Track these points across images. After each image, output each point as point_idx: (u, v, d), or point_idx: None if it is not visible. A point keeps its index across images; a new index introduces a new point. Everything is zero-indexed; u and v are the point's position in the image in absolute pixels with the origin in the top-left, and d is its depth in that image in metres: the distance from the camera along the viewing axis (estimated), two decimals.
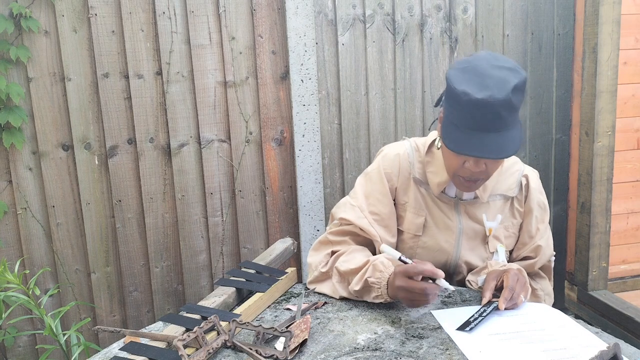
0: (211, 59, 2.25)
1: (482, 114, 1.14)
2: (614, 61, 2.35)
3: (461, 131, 1.18)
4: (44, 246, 2.21)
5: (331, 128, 2.41)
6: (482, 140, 1.16)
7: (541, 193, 1.41)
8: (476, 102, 1.13)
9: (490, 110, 1.13)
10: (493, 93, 1.12)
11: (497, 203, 1.38)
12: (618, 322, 2.32)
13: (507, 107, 1.14)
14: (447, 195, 1.37)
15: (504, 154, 1.16)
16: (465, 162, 1.22)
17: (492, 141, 1.15)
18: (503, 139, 1.16)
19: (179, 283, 2.37)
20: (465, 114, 1.16)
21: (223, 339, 1.08)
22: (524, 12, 2.51)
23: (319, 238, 1.44)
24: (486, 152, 1.16)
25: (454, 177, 1.27)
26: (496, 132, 1.16)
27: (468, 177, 1.24)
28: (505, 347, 1.05)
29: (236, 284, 1.34)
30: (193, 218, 2.33)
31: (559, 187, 2.68)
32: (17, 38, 2.06)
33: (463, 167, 1.23)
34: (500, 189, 1.37)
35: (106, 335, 2.28)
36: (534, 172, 1.42)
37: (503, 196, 1.38)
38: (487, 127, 1.15)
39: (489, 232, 1.36)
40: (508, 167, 1.39)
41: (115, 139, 2.21)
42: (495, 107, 1.12)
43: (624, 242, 2.70)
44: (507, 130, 1.16)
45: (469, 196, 1.36)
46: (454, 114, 1.19)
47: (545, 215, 1.42)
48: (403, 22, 2.40)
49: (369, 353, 1.05)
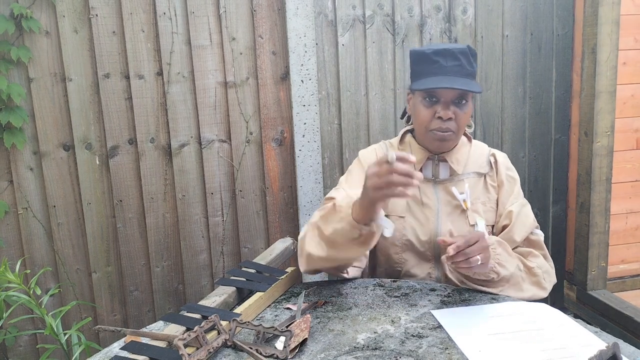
0: (212, 59, 2.26)
1: (445, 60, 1.35)
2: (613, 61, 2.36)
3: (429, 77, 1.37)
4: (44, 246, 2.21)
5: (331, 128, 2.42)
6: (448, 79, 1.34)
7: (508, 168, 1.51)
8: (439, 51, 1.36)
9: (452, 56, 1.35)
10: (452, 45, 1.38)
11: (471, 180, 1.48)
12: (617, 321, 2.33)
13: (465, 56, 1.35)
14: (424, 176, 1.47)
15: (469, 87, 1.33)
16: (436, 112, 1.37)
17: (457, 81, 1.34)
18: (466, 81, 1.35)
19: (180, 282, 2.38)
20: (432, 64, 1.36)
21: (223, 338, 1.08)
22: (524, 12, 2.52)
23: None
24: (455, 85, 1.32)
25: (427, 134, 1.41)
26: (460, 77, 1.35)
27: (441, 128, 1.38)
28: (505, 346, 1.06)
29: (236, 284, 1.35)
30: (194, 218, 2.34)
31: (558, 187, 2.68)
32: (18, 38, 2.06)
33: (434, 119, 1.38)
34: (472, 167, 1.48)
35: (107, 334, 2.28)
36: (501, 153, 1.54)
37: (476, 173, 1.48)
38: (451, 71, 1.35)
39: (465, 205, 1.43)
40: (476, 149, 1.52)
41: (116, 139, 2.22)
42: (456, 53, 1.35)
43: (623, 241, 2.71)
44: (468, 78, 1.37)
45: (445, 175, 1.47)
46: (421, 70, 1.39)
47: (514, 187, 1.49)
48: (403, 22, 2.41)
49: (368, 352, 1.06)
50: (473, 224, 1.43)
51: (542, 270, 1.40)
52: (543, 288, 1.39)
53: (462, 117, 1.40)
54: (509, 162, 1.54)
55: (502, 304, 1.26)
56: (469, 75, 1.37)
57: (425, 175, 1.48)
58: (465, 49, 1.36)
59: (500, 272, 1.29)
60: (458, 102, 1.38)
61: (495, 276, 1.29)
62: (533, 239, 1.45)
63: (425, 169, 1.49)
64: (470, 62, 1.37)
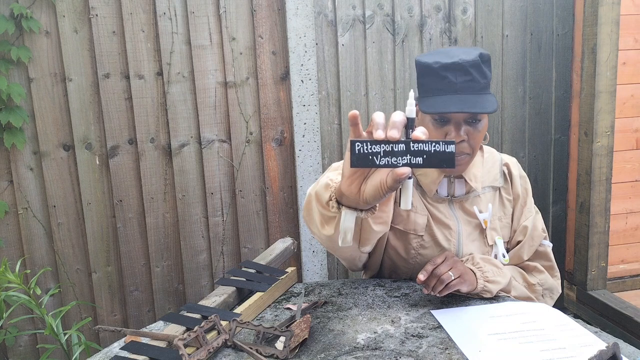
0: (212, 59, 2.26)
1: (454, 76, 1.20)
2: (613, 61, 2.36)
3: (438, 96, 1.23)
4: (44, 246, 2.21)
5: (331, 128, 2.42)
6: (459, 99, 1.20)
7: (522, 177, 1.44)
8: (447, 66, 1.20)
9: (462, 71, 1.20)
10: (462, 57, 1.20)
11: (487, 195, 1.40)
12: (617, 321, 2.33)
13: (477, 69, 1.20)
14: (439, 195, 1.39)
15: (482, 109, 1.20)
16: (447, 134, 1.25)
17: (468, 100, 1.20)
18: (479, 99, 1.21)
19: (180, 282, 2.38)
20: (440, 80, 1.22)
21: (223, 338, 1.08)
22: (523, 12, 2.52)
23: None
24: (465, 107, 1.19)
25: None
26: (471, 93, 1.21)
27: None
28: (505, 346, 1.06)
29: (236, 284, 1.35)
30: (194, 218, 2.34)
31: (558, 187, 2.69)
32: (18, 38, 2.06)
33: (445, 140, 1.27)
34: (487, 180, 1.40)
35: (107, 334, 2.29)
36: (512, 159, 1.46)
37: (491, 187, 1.41)
38: (462, 89, 1.21)
39: (485, 224, 1.37)
40: (488, 158, 1.42)
41: (116, 139, 2.22)
42: (466, 67, 1.19)
43: (623, 241, 2.71)
44: (482, 93, 1.22)
45: (461, 192, 1.38)
46: (429, 86, 1.24)
47: (527, 198, 1.44)
48: (403, 22, 2.41)
49: (368, 352, 1.06)
50: (492, 243, 1.37)
51: (544, 288, 1.37)
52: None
53: (477, 137, 1.27)
54: (520, 168, 1.46)
55: (502, 304, 1.26)
56: (482, 90, 1.23)
57: (441, 194, 1.38)
58: (477, 61, 1.21)
59: (492, 289, 1.24)
60: (471, 122, 1.25)
61: (489, 294, 1.25)
62: (540, 251, 1.41)
63: (440, 187, 1.38)
64: (483, 74, 1.23)
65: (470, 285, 1.21)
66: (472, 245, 1.37)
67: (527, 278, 1.36)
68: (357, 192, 0.89)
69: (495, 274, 1.26)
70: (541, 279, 1.37)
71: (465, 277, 1.20)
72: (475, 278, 1.23)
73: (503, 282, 1.26)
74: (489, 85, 1.26)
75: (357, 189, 0.89)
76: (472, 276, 1.22)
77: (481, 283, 1.22)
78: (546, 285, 1.38)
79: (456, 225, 1.37)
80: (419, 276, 1.18)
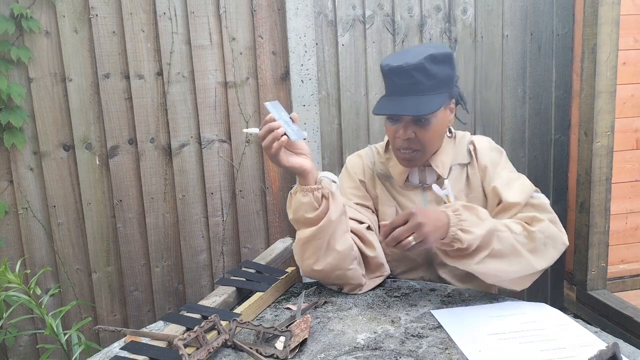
0: (212, 59, 2.26)
1: (399, 79, 1.29)
2: (613, 61, 2.36)
3: (385, 98, 1.34)
4: (44, 246, 2.21)
5: (331, 128, 2.42)
6: (400, 102, 1.29)
7: (491, 149, 1.44)
8: (393, 69, 1.29)
9: (405, 74, 1.28)
10: (408, 60, 1.28)
11: (454, 173, 1.43)
12: (617, 321, 2.33)
13: (421, 71, 1.27)
14: (411, 183, 1.44)
15: (417, 111, 1.27)
16: (396, 132, 1.34)
17: (409, 102, 1.28)
18: (420, 100, 1.28)
19: (180, 282, 2.38)
20: (388, 82, 1.33)
21: (223, 338, 1.09)
22: (523, 12, 2.52)
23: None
24: (401, 109, 1.28)
25: (395, 152, 1.38)
26: (413, 95, 1.29)
27: (403, 147, 1.34)
28: (505, 346, 1.06)
29: (236, 284, 1.35)
30: (194, 218, 2.34)
31: (558, 187, 2.69)
32: (18, 38, 2.06)
33: (396, 138, 1.34)
34: (455, 160, 1.44)
35: (107, 334, 2.29)
36: (482, 137, 1.47)
37: (458, 165, 1.43)
38: (404, 91, 1.30)
39: (447, 200, 1.37)
40: (459, 141, 1.45)
41: (116, 139, 2.22)
42: (409, 71, 1.27)
43: (623, 241, 2.71)
44: (425, 94, 1.29)
45: (432, 179, 1.43)
46: (385, 86, 1.35)
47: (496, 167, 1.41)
48: (403, 22, 2.41)
49: (368, 352, 1.06)
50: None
51: (545, 235, 1.26)
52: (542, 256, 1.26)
53: (426, 135, 1.33)
54: (491, 143, 1.46)
55: (502, 303, 1.26)
56: (427, 91, 1.29)
57: (412, 182, 1.44)
58: (421, 64, 1.27)
59: (464, 238, 1.17)
60: (418, 122, 1.32)
61: (460, 244, 1.17)
62: (535, 203, 1.34)
63: (411, 175, 1.44)
64: (429, 75, 1.28)
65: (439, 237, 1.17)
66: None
67: (526, 226, 1.26)
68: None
69: (473, 224, 1.19)
70: (542, 227, 1.27)
71: (433, 236, 1.15)
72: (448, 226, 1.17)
73: (479, 233, 1.18)
74: (439, 85, 1.31)
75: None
76: (443, 228, 1.17)
77: (452, 230, 1.17)
78: (547, 232, 1.28)
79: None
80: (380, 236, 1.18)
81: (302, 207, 1.28)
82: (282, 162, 1.24)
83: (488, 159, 1.42)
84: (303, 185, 1.28)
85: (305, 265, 1.32)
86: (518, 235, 1.24)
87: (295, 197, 1.29)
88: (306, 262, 1.32)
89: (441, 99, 1.31)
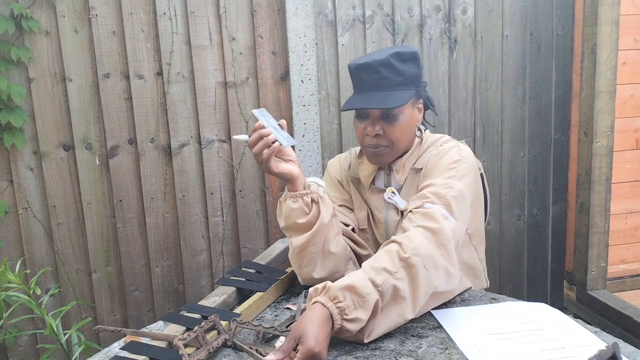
0: (211, 59, 2.26)
1: (365, 75, 1.31)
2: (613, 61, 2.36)
3: (353, 96, 1.35)
4: (44, 246, 2.21)
5: (331, 128, 2.42)
6: (367, 97, 1.31)
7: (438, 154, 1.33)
8: (359, 66, 1.32)
9: (371, 70, 1.30)
10: (374, 57, 1.30)
11: (409, 178, 1.38)
12: (617, 321, 2.33)
13: (387, 67, 1.29)
14: (377, 187, 1.45)
15: (384, 104, 1.28)
16: (365, 129, 1.34)
17: (375, 96, 1.30)
18: (386, 95, 1.29)
19: (180, 282, 2.38)
20: (355, 80, 1.35)
21: (223, 338, 1.09)
22: (523, 12, 2.52)
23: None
24: (366, 103, 1.30)
25: (364, 149, 1.38)
26: (381, 90, 1.30)
27: (371, 144, 1.34)
28: (505, 346, 1.06)
29: (236, 284, 1.35)
30: (193, 218, 2.34)
31: (558, 187, 2.69)
32: (18, 38, 2.06)
33: (365, 135, 1.35)
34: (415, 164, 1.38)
35: (107, 334, 2.29)
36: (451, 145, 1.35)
37: (414, 169, 1.38)
38: (371, 86, 1.31)
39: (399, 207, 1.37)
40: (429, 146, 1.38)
41: (116, 139, 2.22)
42: (375, 66, 1.29)
43: (623, 242, 2.71)
44: (392, 89, 1.30)
45: (397, 185, 1.42)
46: (353, 85, 1.37)
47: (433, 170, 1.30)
48: (402, 22, 2.41)
49: (368, 352, 1.06)
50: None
51: (422, 255, 1.09)
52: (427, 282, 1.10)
53: (394, 132, 1.32)
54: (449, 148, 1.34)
55: (502, 304, 1.26)
56: (393, 87, 1.29)
57: (378, 186, 1.44)
58: (387, 60, 1.28)
59: (352, 328, 1.03)
60: (385, 118, 1.31)
61: (349, 334, 1.05)
62: (426, 211, 1.18)
63: (377, 180, 1.44)
64: (395, 71, 1.28)
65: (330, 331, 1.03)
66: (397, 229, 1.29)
67: (401, 254, 1.09)
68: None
69: (356, 306, 1.03)
70: (415, 247, 1.10)
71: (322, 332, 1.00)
72: (332, 320, 1.02)
73: (365, 317, 1.04)
74: (407, 81, 1.32)
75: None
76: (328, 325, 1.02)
77: (337, 324, 1.03)
78: (423, 253, 1.10)
79: (384, 216, 1.43)
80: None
81: (293, 214, 1.26)
82: (272, 168, 1.24)
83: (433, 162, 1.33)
84: (292, 191, 1.28)
85: (304, 273, 1.32)
86: (397, 273, 1.08)
87: (285, 204, 1.28)
88: (304, 270, 1.31)
89: (407, 95, 1.30)
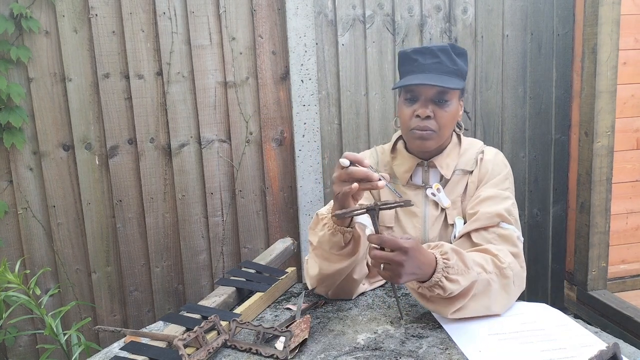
0: (211, 59, 2.25)
1: (424, 58, 1.34)
2: (614, 61, 2.36)
3: (408, 76, 1.36)
4: (44, 246, 2.21)
5: (331, 128, 2.42)
6: (424, 76, 1.32)
7: (496, 164, 1.40)
8: (418, 50, 1.35)
9: (430, 53, 1.33)
10: (433, 44, 1.38)
11: (455, 178, 1.41)
12: (617, 321, 2.33)
13: (446, 54, 1.33)
14: (414, 183, 1.43)
15: (443, 83, 1.30)
16: (415, 111, 1.34)
17: (432, 77, 1.32)
18: (443, 78, 1.32)
19: (180, 283, 2.38)
20: (408, 63, 1.36)
21: (223, 338, 1.08)
22: (524, 12, 2.52)
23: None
24: (425, 79, 1.31)
25: (408, 134, 1.37)
26: (437, 73, 1.33)
27: (420, 126, 1.34)
28: (505, 346, 1.05)
29: (236, 284, 1.35)
30: (193, 218, 2.34)
31: (559, 187, 2.68)
32: (17, 38, 2.06)
33: (414, 117, 1.35)
34: (460, 165, 1.43)
35: (107, 334, 2.28)
36: (493, 150, 1.45)
37: (462, 170, 1.42)
38: (428, 68, 1.33)
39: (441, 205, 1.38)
40: (467, 148, 1.44)
41: (116, 139, 2.22)
42: (435, 51, 1.33)
43: (624, 242, 2.70)
44: (448, 75, 1.33)
45: (435, 181, 1.42)
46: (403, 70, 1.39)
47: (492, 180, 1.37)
48: (403, 22, 2.41)
49: (368, 352, 1.06)
50: (452, 223, 1.37)
51: (514, 272, 1.20)
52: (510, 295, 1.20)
53: (443, 116, 1.34)
54: (501, 157, 1.43)
55: None
56: (449, 73, 1.33)
57: (416, 182, 1.43)
58: (447, 47, 1.34)
59: (448, 287, 1.08)
60: (438, 101, 1.33)
61: (441, 291, 1.09)
62: (504, 233, 1.26)
63: (415, 176, 1.43)
64: (452, 60, 1.34)
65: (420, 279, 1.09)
66: (435, 227, 1.39)
67: (497, 263, 1.18)
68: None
69: (459, 272, 1.10)
70: (509, 263, 1.20)
71: (406, 278, 1.06)
72: (435, 268, 1.08)
73: (464, 284, 1.10)
74: (459, 73, 1.35)
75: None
76: (428, 271, 1.08)
77: (437, 277, 1.08)
78: (515, 270, 1.21)
79: (422, 211, 1.41)
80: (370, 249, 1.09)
81: (328, 243, 1.21)
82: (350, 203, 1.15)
83: (490, 168, 1.40)
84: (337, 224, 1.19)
85: (319, 290, 1.33)
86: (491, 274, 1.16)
87: (324, 230, 1.21)
88: (320, 288, 1.32)
89: (460, 84, 1.34)
